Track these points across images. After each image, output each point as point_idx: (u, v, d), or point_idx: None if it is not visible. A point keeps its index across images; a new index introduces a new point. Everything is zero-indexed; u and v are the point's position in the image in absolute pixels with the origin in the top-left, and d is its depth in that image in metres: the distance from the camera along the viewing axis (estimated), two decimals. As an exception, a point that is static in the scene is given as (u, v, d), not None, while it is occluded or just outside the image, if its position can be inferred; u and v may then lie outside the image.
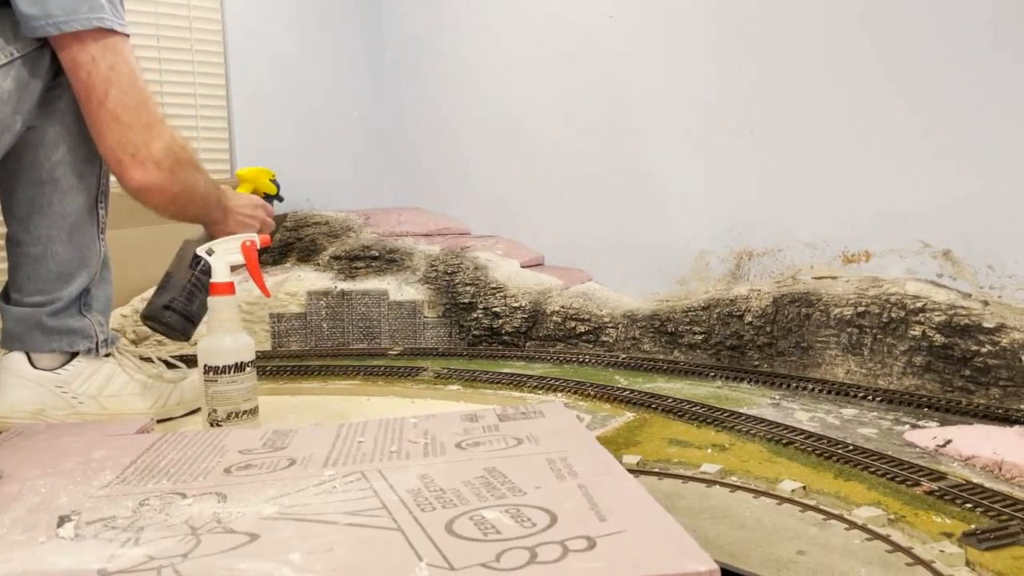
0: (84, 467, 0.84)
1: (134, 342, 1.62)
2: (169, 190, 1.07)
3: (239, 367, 1.04)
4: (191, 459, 0.85)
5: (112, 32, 1.02)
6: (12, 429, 1.03)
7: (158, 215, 1.12)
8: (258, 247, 1.12)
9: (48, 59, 1.04)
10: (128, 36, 1.05)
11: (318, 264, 1.85)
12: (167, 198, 1.08)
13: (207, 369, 1.03)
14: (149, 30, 1.87)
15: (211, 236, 1.17)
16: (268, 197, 1.32)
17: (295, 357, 1.61)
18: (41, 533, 0.66)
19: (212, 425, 1.04)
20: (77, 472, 0.82)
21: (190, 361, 1.28)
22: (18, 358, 1.13)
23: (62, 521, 0.68)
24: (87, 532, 0.65)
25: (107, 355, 1.17)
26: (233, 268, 1.10)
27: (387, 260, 1.82)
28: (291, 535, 0.62)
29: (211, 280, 1.07)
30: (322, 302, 1.74)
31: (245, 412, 1.05)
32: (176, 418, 1.19)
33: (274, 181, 1.34)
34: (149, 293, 1.26)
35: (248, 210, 1.23)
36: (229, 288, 1.06)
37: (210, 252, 1.09)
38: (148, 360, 1.22)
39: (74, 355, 1.15)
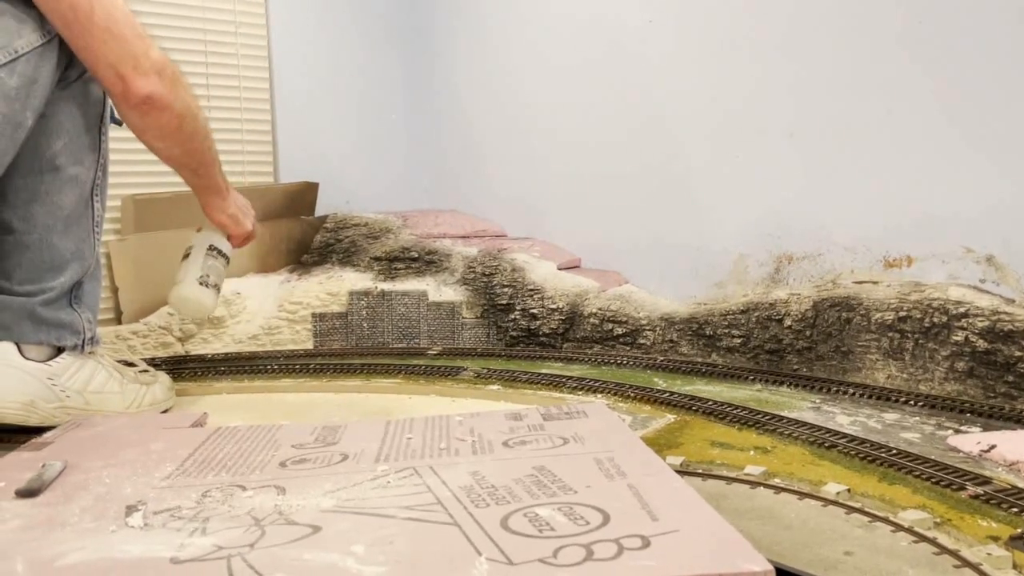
0: (144, 458, 0.87)
1: (180, 340, 1.66)
2: (173, 106, 1.06)
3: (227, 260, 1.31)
4: (246, 453, 0.88)
5: None
6: (71, 421, 1.07)
7: (167, 152, 1.12)
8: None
9: (56, 53, 1.04)
10: None
11: (358, 265, 1.88)
12: (174, 117, 1.07)
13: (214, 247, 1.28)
14: (196, 35, 1.92)
15: (209, 216, 1.27)
16: None
17: (337, 355, 1.64)
18: (111, 522, 0.68)
19: (202, 285, 1.26)
20: (138, 463, 0.85)
21: (157, 365, 1.41)
22: (8, 348, 1.11)
23: (130, 511, 0.71)
24: (155, 521, 0.68)
25: (90, 353, 1.18)
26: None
27: (426, 261, 1.84)
28: (351, 527, 0.64)
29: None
30: (363, 302, 1.77)
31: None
32: None
33: None
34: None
35: (243, 201, 1.31)
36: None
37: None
38: (124, 362, 1.24)
39: (60, 349, 1.14)
